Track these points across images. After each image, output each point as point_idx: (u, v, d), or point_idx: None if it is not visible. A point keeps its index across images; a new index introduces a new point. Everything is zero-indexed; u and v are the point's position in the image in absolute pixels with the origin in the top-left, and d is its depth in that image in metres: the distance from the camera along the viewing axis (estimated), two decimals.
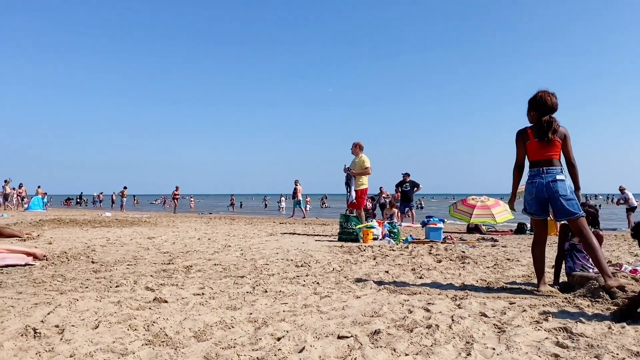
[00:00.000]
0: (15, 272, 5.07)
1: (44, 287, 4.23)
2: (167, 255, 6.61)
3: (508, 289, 4.32)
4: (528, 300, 3.80)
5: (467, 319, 3.21)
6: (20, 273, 4.99)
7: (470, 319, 3.22)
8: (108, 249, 7.19)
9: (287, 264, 5.86)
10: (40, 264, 5.56)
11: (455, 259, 6.46)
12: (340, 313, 3.39)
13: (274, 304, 3.69)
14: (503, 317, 3.26)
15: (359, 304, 3.70)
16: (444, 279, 4.92)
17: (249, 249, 7.50)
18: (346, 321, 3.16)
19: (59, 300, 3.69)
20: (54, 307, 3.44)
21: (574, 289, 4.10)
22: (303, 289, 4.26)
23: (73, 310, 3.41)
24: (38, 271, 5.11)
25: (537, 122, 4.20)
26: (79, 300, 3.68)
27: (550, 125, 4.10)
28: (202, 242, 8.65)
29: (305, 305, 3.64)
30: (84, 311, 3.38)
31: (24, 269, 5.27)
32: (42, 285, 4.34)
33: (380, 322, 3.12)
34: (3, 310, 3.36)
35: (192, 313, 3.36)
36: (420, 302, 3.76)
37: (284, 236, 10.10)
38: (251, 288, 4.29)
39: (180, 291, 4.10)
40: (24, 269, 5.27)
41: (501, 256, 6.88)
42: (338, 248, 7.71)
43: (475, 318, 3.25)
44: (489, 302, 3.74)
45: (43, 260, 5.80)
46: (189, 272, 5.14)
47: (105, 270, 5.19)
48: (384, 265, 5.86)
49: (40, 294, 3.94)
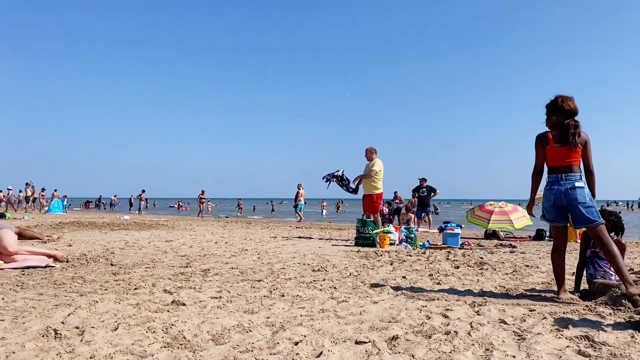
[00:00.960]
0: (36, 273, 5.15)
1: (64, 289, 4.29)
2: (185, 258, 6.66)
3: (527, 296, 4.26)
4: (548, 308, 3.74)
5: (486, 325, 3.17)
6: (41, 274, 5.06)
7: (490, 325, 3.18)
8: (127, 252, 7.27)
9: (303, 268, 5.86)
10: (61, 266, 5.64)
11: (473, 265, 6.40)
12: (357, 318, 3.38)
13: (291, 308, 3.69)
14: (523, 325, 3.21)
15: (376, 309, 3.68)
16: (462, 285, 4.87)
17: (265, 252, 7.52)
18: (364, 326, 3.14)
19: (79, 302, 3.74)
20: (74, 309, 3.49)
21: (596, 296, 4.03)
22: (320, 294, 4.25)
23: (93, 312, 3.45)
24: (58, 273, 5.19)
25: (560, 126, 4.14)
26: (98, 302, 3.72)
27: (576, 129, 4.05)
28: (219, 245, 8.70)
29: (323, 309, 3.64)
30: (104, 313, 3.41)
31: (44, 270, 5.35)
32: (62, 286, 4.40)
33: (398, 328, 3.10)
34: (25, 311, 3.42)
35: (210, 316, 3.37)
36: (438, 308, 3.73)
37: (300, 240, 10.11)
38: (268, 292, 4.30)
39: (198, 294, 4.13)
40: (44, 270, 5.35)
41: (520, 263, 6.79)
42: (355, 253, 7.69)
43: (495, 325, 3.21)
44: (508, 309, 3.69)
45: (63, 262, 5.89)
46: (206, 275, 5.17)
47: (124, 273, 5.24)
48: (401, 270, 5.83)
49: (60, 296, 4.00)
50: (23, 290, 4.20)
